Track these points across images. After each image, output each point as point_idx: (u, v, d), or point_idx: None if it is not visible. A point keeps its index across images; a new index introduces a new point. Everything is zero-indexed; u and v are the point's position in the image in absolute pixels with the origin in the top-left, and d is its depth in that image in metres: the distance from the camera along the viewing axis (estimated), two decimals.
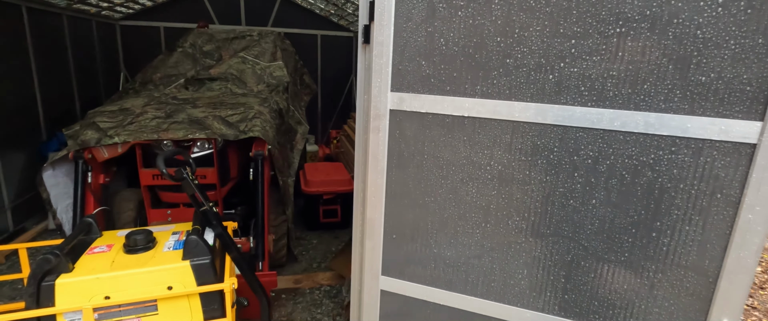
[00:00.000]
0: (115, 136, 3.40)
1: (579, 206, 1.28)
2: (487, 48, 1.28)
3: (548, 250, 1.34)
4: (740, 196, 1.12)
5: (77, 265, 2.13)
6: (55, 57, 5.59)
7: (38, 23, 5.17)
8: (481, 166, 1.36)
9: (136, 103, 4.01)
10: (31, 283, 1.96)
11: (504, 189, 1.35)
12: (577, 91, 1.22)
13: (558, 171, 1.28)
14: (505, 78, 1.27)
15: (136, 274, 2.10)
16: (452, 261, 1.46)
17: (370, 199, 1.49)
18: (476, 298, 1.46)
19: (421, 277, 1.51)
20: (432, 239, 1.47)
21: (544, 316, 1.39)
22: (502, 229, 1.38)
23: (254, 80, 5.33)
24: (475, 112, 1.32)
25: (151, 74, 5.27)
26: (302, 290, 4.09)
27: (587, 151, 1.24)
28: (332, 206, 5.21)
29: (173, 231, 2.56)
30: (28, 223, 4.92)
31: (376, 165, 1.46)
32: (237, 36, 5.82)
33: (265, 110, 4.09)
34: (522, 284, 1.40)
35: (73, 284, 2.01)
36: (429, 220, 1.45)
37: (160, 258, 2.23)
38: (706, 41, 1.08)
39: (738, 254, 1.14)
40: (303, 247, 4.96)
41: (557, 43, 1.21)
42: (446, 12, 1.28)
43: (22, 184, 4.83)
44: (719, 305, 1.19)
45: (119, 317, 2.10)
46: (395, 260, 1.53)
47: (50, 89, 5.43)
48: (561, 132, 1.25)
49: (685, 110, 1.13)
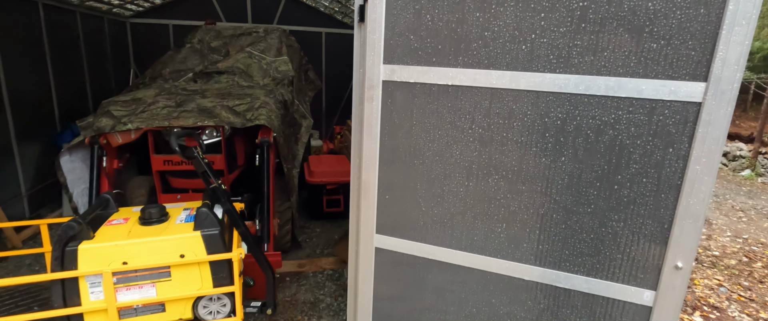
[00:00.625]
0: (128, 123, 3.59)
1: (550, 163, 1.43)
2: (468, 22, 1.43)
3: (524, 204, 1.49)
4: (689, 150, 1.27)
5: (97, 234, 2.30)
6: (68, 53, 5.82)
7: (53, 19, 5.39)
8: (464, 129, 1.51)
9: (147, 94, 4.20)
10: (56, 247, 2.14)
11: (484, 150, 1.51)
12: (546, 60, 1.37)
13: (531, 132, 1.44)
14: (483, 49, 1.43)
15: (152, 241, 2.28)
16: (439, 218, 1.62)
17: (365, 162, 1.65)
18: (461, 251, 1.61)
19: (412, 233, 1.67)
20: (421, 198, 1.63)
21: (521, 265, 1.54)
22: (482, 186, 1.53)
23: (260, 74, 5.51)
24: (458, 81, 1.48)
25: (161, 69, 5.46)
26: (306, 274, 4.26)
27: (556, 113, 1.39)
28: (335, 196, 5.38)
29: (185, 207, 2.73)
30: (43, 210, 5.13)
31: (370, 131, 1.62)
32: (243, 32, 6.01)
33: (270, 101, 4.26)
34: (501, 237, 1.55)
35: (94, 250, 2.19)
36: (418, 180, 1.61)
37: (173, 229, 2.41)
38: (656, 12, 1.23)
39: (687, 202, 1.29)
40: (307, 235, 5.13)
41: (529, 16, 1.36)
42: None
43: (38, 173, 5.05)
44: (673, 249, 1.34)
45: (136, 282, 2.27)
46: (388, 219, 1.69)
47: (64, 83, 5.65)
48: (533, 97, 1.41)
49: (640, 74, 1.28)
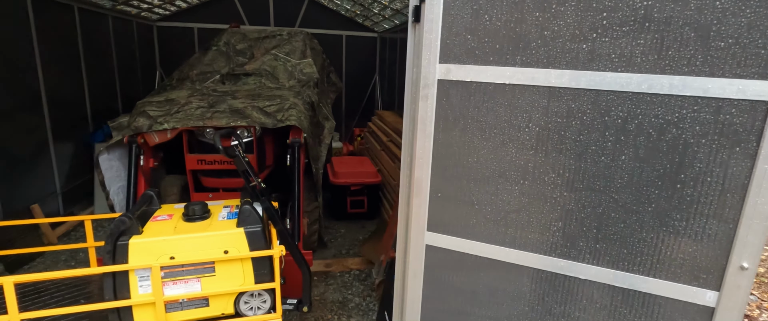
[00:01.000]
0: (164, 122, 3.68)
1: (610, 162, 1.44)
2: (527, 22, 1.45)
3: (581, 203, 1.50)
4: (757, 149, 1.26)
5: (145, 229, 2.37)
6: (100, 55, 5.98)
7: (87, 23, 5.56)
8: (520, 128, 1.53)
9: (180, 95, 4.30)
10: (108, 241, 2.21)
11: (541, 148, 1.52)
12: (608, 59, 1.38)
13: (590, 131, 1.44)
14: (542, 48, 1.45)
15: (198, 237, 2.34)
16: (492, 216, 1.63)
17: (417, 160, 1.68)
18: (514, 249, 1.62)
19: (464, 231, 1.68)
20: (474, 196, 1.64)
21: (577, 264, 1.54)
22: (538, 185, 1.54)
23: (286, 76, 5.59)
24: (515, 80, 1.49)
25: (188, 71, 5.58)
26: (333, 273, 4.29)
27: (617, 111, 1.40)
28: (359, 197, 5.42)
29: (224, 205, 2.79)
30: (76, 208, 5.27)
31: (424, 129, 1.64)
32: (268, 35, 6.10)
33: (299, 102, 4.33)
34: (557, 235, 1.56)
35: (144, 244, 2.25)
36: (471, 178, 1.63)
37: (217, 225, 2.46)
38: (725, 10, 1.23)
39: (755, 201, 1.28)
40: (331, 236, 5.17)
41: (590, 16, 1.37)
42: None
43: (71, 171, 5.19)
44: (739, 249, 1.33)
45: (182, 276, 2.33)
46: (440, 216, 1.71)
47: (96, 84, 5.81)
48: (593, 95, 1.42)
49: (706, 73, 1.28)
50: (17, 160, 4.23)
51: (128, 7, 6.57)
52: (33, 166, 4.51)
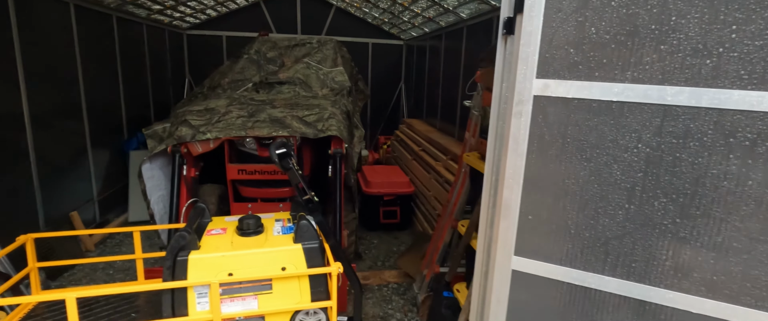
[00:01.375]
0: (207, 132, 3.65)
1: (733, 188, 1.32)
2: (640, 35, 1.35)
3: (697, 231, 1.38)
4: None
5: (201, 243, 2.31)
6: (135, 63, 6.04)
7: (124, 32, 5.62)
8: (628, 148, 1.42)
9: (219, 104, 4.28)
10: (168, 257, 2.15)
11: (651, 171, 1.40)
12: (736, 75, 1.26)
13: (711, 153, 1.33)
14: (658, 63, 1.34)
15: (256, 253, 2.27)
16: (590, 241, 1.52)
17: (507, 180, 1.58)
18: (614, 278, 1.50)
19: (557, 257, 1.57)
20: (570, 220, 1.53)
21: (689, 297, 1.42)
22: (647, 210, 1.43)
23: (318, 85, 5.56)
24: (624, 97, 1.39)
25: (219, 79, 5.58)
26: (370, 286, 4.20)
27: (745, 133, 1.28)
28: (392, 207, 5.33)
29: (275, 218, 2.73)
30: (111, 215, 5.29)
31: (516, 148, 1.54)
32: (297, 43, 6.09)
33: (337, 111, 4.27)
34: (666, 265, 1.44)
35: (203, 260, 2.19)
36: (568, 201, 1.52)
37: (273, 241, 2.39)
38: None
39: None
40: (365, 246, 5.08)
41: (716, 29, 1.27)
42: (599, 2, 1.37)
43: (107, 179, 5.22)
44: None
45: (239, 293, 2.26)
46: (530, 241, 1.60)
47: (131, 92, 5.86)
48: (716, 115, 1.30)
49: None
50: (59, 167, 4.26)
51: (161, 16, 6.64)
52: (72, 173, 4.53)
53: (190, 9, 6.88)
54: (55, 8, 4.22)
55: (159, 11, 6.30)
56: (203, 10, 7.21)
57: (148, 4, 5.85)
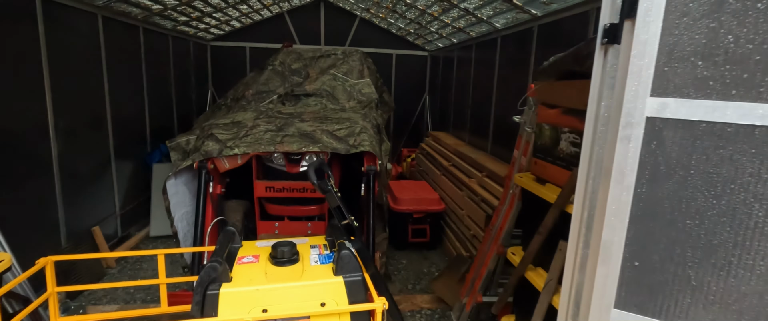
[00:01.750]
0: (235, 147, 3.47)
1: None
2: None
3: None
4: None
5: (233, 274, 2.09)
6: (160, 74, 5.96)
7: (150, 43, 5.54)
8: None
9: (246, 117, 4.11)
10: (197, 290, 1.93)
11: None
12: None
13: None
14: None
15: (293, 287, 2.03)
16: (719, 296, 1.23)
17: (607, 218, 1.31)
18: None
19: (672, 314, 1.29)
20: (691, 270, 1.25)
21: None
22: None
23: (345, 97, 5.38)
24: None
25: (244, 91, 5.44)
26: (403, 312, 3.91)
27: None
28: (421, 225, 5.05)
29: (311, 244, 2.49)
30: (132, 229, 5.15)
31: (622, 179, 1.28)
32: (322, 55, 5.94)
33: (368, 126, 4.06)
34: None
35: (235, 294, 1.96)
36: (690, 246, 1.24)
37: (311, 272, 2.15)
38: None
39: None
40: (393, 267, 4.81)
41: None
42: (739, 4, 1.11)
43: (129, 192, 5.09)
44: None
45: None
46: (635, 292, 1.32)
47: (155, 104, 5.77)
48: None
49: None
50: (82, 180, 4.13)
51: (187, 27, 6.59)
52: (95, 186, 4.41)
53: (215, 20, 6.82)
54: (83, 18, 4.14)
55: (185, 22, 6.24)
56: (228, 21, 7.15)
57: (175, 16, 5.78)
